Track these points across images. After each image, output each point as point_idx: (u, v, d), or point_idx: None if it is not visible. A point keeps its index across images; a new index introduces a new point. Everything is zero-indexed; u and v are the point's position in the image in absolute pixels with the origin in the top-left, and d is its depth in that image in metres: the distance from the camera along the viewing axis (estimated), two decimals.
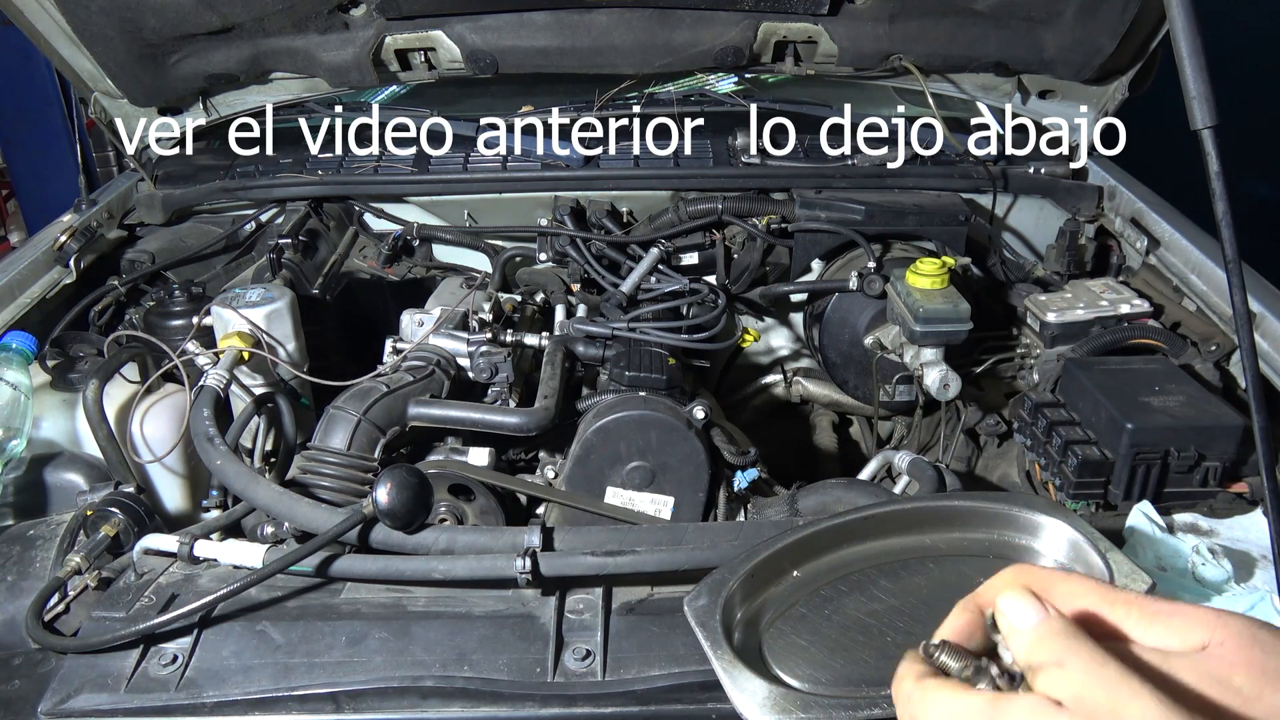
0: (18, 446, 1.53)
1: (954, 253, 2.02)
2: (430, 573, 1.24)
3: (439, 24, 2.11)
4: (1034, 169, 2.30)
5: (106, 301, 2.02)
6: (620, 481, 1.54)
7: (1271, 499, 1.31)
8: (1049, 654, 0.57)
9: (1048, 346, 1.90)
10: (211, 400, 1.52)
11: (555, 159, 2.31)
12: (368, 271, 2.29)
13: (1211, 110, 1.26)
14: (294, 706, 1.11)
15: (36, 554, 1.33)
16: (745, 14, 2.07)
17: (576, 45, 2.11)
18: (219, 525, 1.41)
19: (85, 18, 1.94)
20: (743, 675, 0.91)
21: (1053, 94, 2.26)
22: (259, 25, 2.04)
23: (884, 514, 1.11)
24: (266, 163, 2.39)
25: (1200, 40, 1.26)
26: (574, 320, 1.85)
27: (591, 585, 1.26)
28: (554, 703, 1.11)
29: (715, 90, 2.58)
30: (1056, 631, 0.58)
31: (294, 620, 1.21)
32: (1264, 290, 1.74)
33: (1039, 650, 0.57)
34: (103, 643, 1.16)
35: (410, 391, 1.62)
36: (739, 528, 1.35)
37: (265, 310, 1.72)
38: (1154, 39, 1.99)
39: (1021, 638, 0.59)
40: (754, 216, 2.14)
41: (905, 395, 1.98)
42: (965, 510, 1.11)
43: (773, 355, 2.41)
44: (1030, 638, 0.58)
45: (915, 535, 1.09)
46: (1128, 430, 1.48)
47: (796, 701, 0.88)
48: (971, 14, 2.04)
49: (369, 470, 1.52)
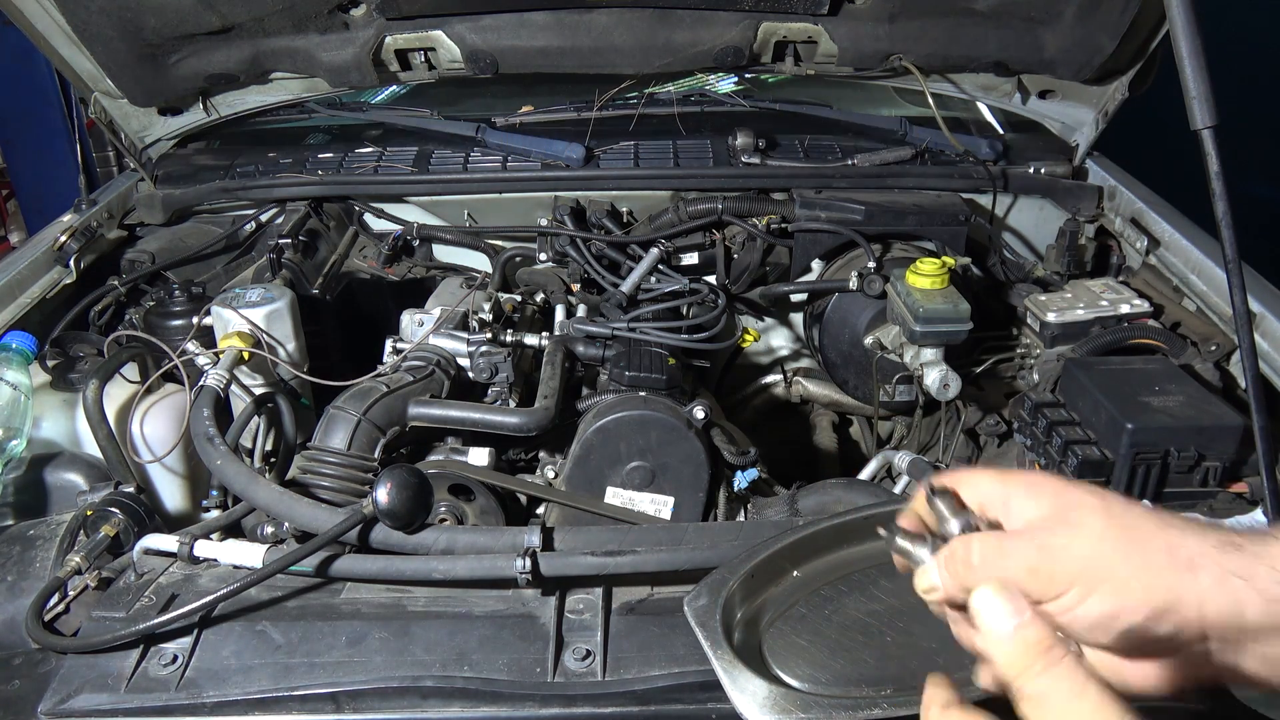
0: (18, 446, 1.53)
1: (954, 253, 2.03)
2: (430, 573, 1.24)
3: (439, 24, 2.11)
4: (1034, 169, 2.30)
5: (106, 301, 2.02)
6: (620, 481, 1.54)
7: (1271, 499, 1.32)
8: (1030, 676, 0.62)
9: (1048, 346, 1.90)
10: (211, 400, 1.52)
11: (555, 159, 2.31)
12: (368, 271, 2.29)
13: (1211, 110, 1.26)
14: (294, 706, 1.11)
15: (36, 554, 1.33)
16: (745, 14, 2.07)
17: (576, 45, 2.11)
18: (219, 525, 1.41)
19: (85, 18, 1.94)
20: (743, 675, 0.91)
21: (1053, 94, 2.26)
22: (259, 25, 2.04)
23: (884, 514, 1.11)
24: (266, 163, 2.39)
25: (1200, 40, 1.26)
26: (574, 320, 1.85)
27: (591, 585, 1.26)
28: (554, 703, 1.11)
29: (715, 90, 2.59)
30: (1034, 645, 0.63)
31: (294, 620, 1.21)
32: (1264, 290, 1.74)
33: (1019, 664, 0.63)
34: (103, 643, 1.16)
35: (410, 391, 1.62)
36: (739, 528, 1.35)
37: (265, 310, 1.72)
38: (1154, 39, 1.99)
39: (1001, 646, 0.64)
40: (754, 216, 2.14)
41: (905, 395, 1.98)
42: None
43: (773, 355, 2.41)
44: (1010, 648, 0.64)
45: None
46: (1128, 430, 1.48)
47: (796, 701, 0.88)
48: (971, 14, 2.04)
49: (369, 470, 1.52)
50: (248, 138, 2.54)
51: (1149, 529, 0.66)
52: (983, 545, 0.68)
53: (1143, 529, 0.66)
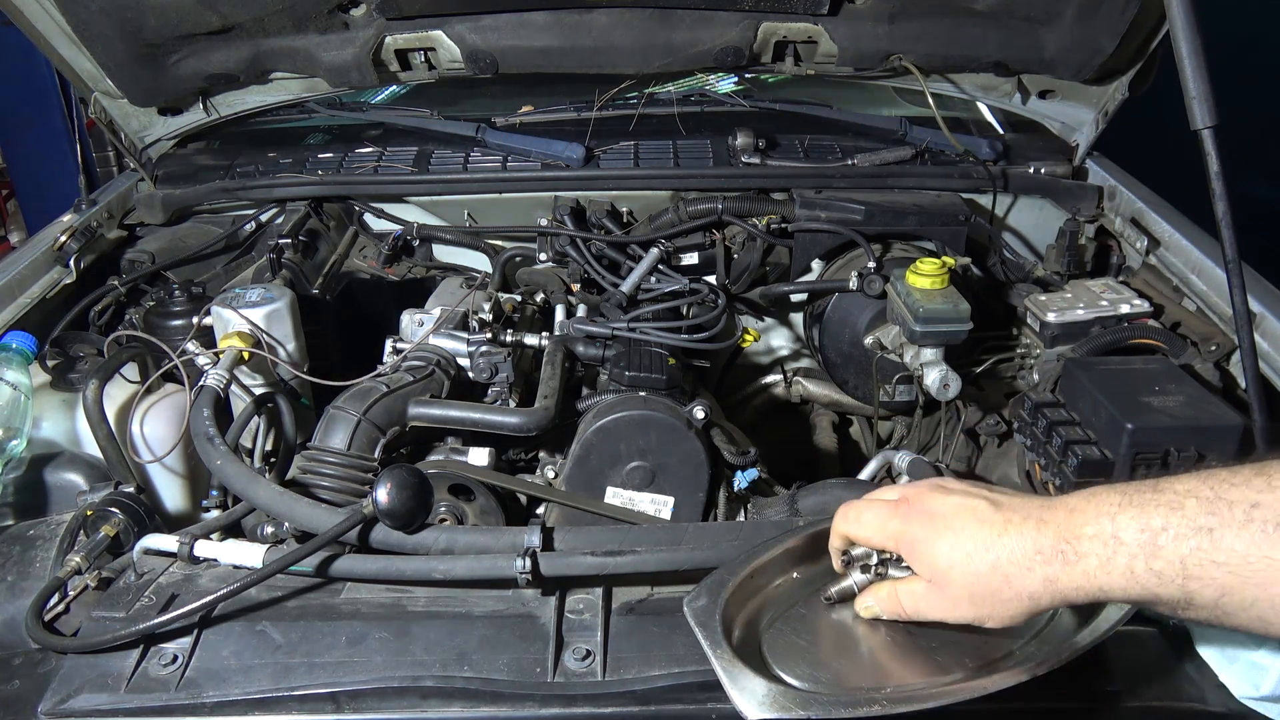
0: (18, 446, 1.53)
1: (954, 253, 2.02)
2: (430, 573, 1.24)
3: (439, 24, 2.11)
4: (1034, 169, 2.30)
5: (106, 301, 2.01)
6: (620, 481, 1.54)
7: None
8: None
9: (1048, 346, 1.90)
10: (211, 400, 1.52)
11: (555, 159, 2.31)
12: (368, 271, 2.29)
13: (1211, 110, 1.26)
14: (294, 706, 1.11)
15: (36, 554, 1.33)
16: (745, 14, 2.07)
17: (576, 45, 2.11)
18: (219, 525, 1.41)
19: (85, 18, 1.94)
20: (742, 674, 0.91)
21: (1053, 94, 2.26)
22: (259, 25, 2.04)
23: None
24: (266, 163, 2.39)
25: (1200, 40, 1.26)
26: (574, 320, 1.85)
27: (591, 585, 1.26)
28: (554, 703, 1.11)
29: (715, 90, 2.59)
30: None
31: (294, 620, 1.21)
32: (1264, 290, 1.74)
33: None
34: (103, 643, 1.16)
35: (410, 391, 1.62)
36: (739, 528, 1.35)
37: (265, 310, 1.72)
38: (1154, 39, 1.99)
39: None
40: (754, 216, 2.14)
41: (905, 395, 1.98)
42: None
43: (773, 355, 2.41)
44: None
45: None
46: (1128, 430, 1.48)
47: (795, 699, 0.88)
48: (971, 14, 2.04)
49: (369, 470, 1.52)
50: (248, 138, 2.54)
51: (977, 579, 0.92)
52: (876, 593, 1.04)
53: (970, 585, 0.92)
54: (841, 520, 1.05)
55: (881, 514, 1.00)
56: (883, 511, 1.00)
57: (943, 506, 0.95)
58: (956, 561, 0.90)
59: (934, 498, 0.97)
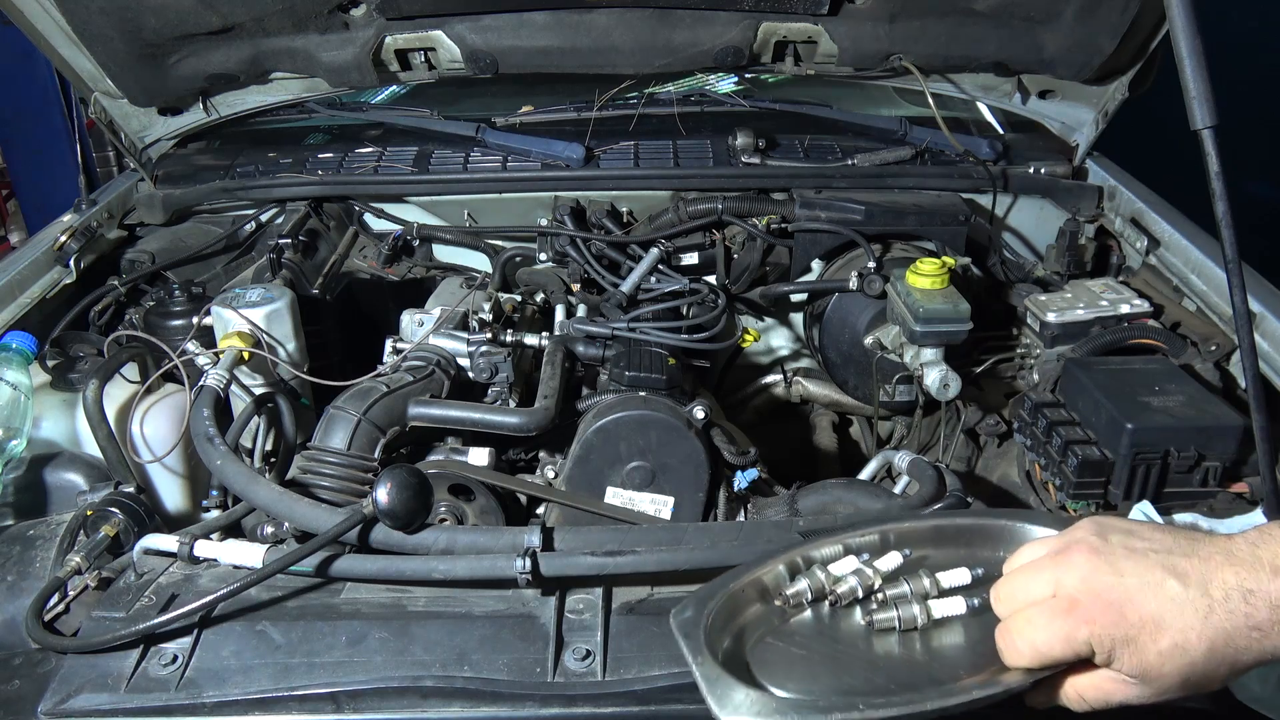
0: (18, 446, 1.53)
1: (954, 253, 2.02)
2: (430, 573, 1.24)
3: (439, 24, 2.11)
4: (1034, 169, 2.30)
5: (106, 301, 2.02)
6: (620, 481, 1.54)
7: (1271, 499, 1.31)
8: None
9: (1048, 346, 1.90)
10: (211, 400, 1.52)
11: (555, 159, 2.31)
12: (368, 271, 2.29)
13: (1211, 110, 1.26)
14: (294, 706, 1.11)
15: (36, 554, 1.33)
16: (745, 14, 2.07)
17: (576, 45, 2.11)
18: (219, 525, 1.41)
19: (85, 18, 1.94)
20: (721, 681, 0.90)
21: (1053, 94, 2.26)
22: (259, 25, 2.04)
23: (870, 540, 1.10)
24: (266, 163, 2.39)
25: (1200, 40, 1.26)
26: (574, 320, 1.85)
27: (591, 585, 1.26)
28: (554, 703, 1.11)
29: (715, 90, 2.59)
30: None
31: (294, 620, 1.21)
32: (1264, 290, 1.74)
33: None
34: (103, 643, 1.15)
35: (410, 391, 1.62)
36: (739, 528, 1.35)
37: (265, 310, 1.72)
38: (1154, 39, 1.99)
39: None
40: (754, 216, 2.14)
41: (905, 395, 1.98)
42: (967, 528, 1.11)
43: (773, 355, 2.41)
44: None
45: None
46: (1128, 430, 1.48)
47: (771, 705, 0.88)
48: (971, 14, 2.04)
49: (369, 470, 1.52)
50: (248, 138, 2.54)
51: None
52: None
53: None
54: (1011, 651, 0.88)
55: (1058, 628, 0.84)
56: (1058, 624, 0.84)
57: (1124, 594, 0.83)
58: (1169, 657, 0.82)
59: (1102, 579, 0.84)
